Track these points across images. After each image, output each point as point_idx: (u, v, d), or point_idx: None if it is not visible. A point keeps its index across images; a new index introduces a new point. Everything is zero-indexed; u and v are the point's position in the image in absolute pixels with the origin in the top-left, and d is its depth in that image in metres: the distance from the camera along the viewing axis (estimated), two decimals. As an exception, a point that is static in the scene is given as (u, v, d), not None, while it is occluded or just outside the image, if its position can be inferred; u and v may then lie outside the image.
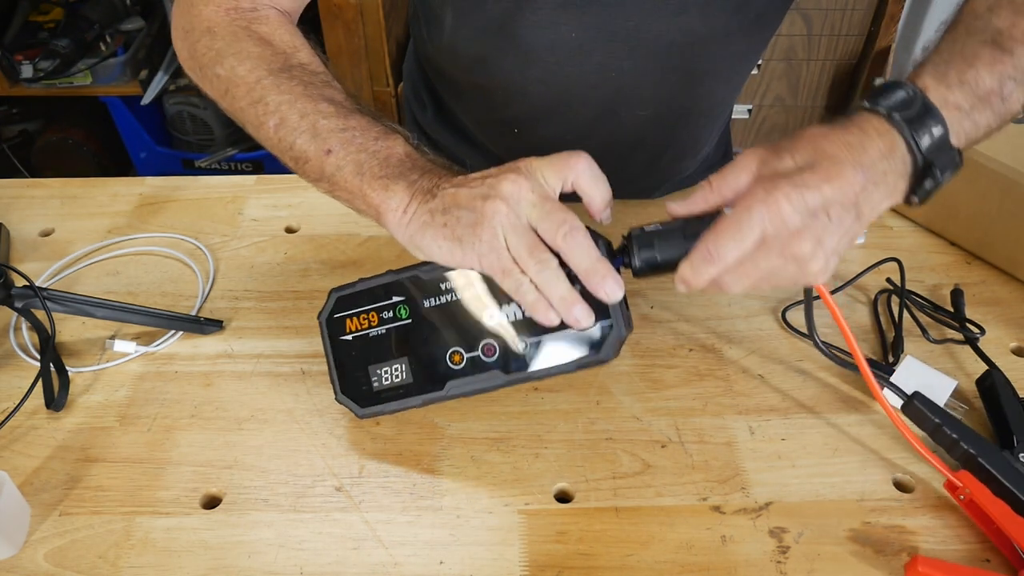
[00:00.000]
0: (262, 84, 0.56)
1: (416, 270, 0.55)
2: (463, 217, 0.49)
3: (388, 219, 0.52)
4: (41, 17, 1.80)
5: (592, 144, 0.75)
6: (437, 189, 0.51)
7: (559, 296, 0.49)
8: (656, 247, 0.52)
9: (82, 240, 0.77)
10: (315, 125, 0.54)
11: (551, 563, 0.52)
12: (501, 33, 0.67)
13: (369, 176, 0.52)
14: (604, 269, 0.49)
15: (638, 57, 0.68)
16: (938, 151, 0.47)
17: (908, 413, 0.58)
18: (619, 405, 0.62)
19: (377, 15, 1.60)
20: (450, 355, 0.55)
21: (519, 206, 0.49)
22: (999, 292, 0.72)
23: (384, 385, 0.57)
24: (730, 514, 0.55)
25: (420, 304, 0.55)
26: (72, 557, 0.52)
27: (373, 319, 0.57)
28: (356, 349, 0.57)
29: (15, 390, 0.63)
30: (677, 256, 0.51)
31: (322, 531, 0.54)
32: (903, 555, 0.52)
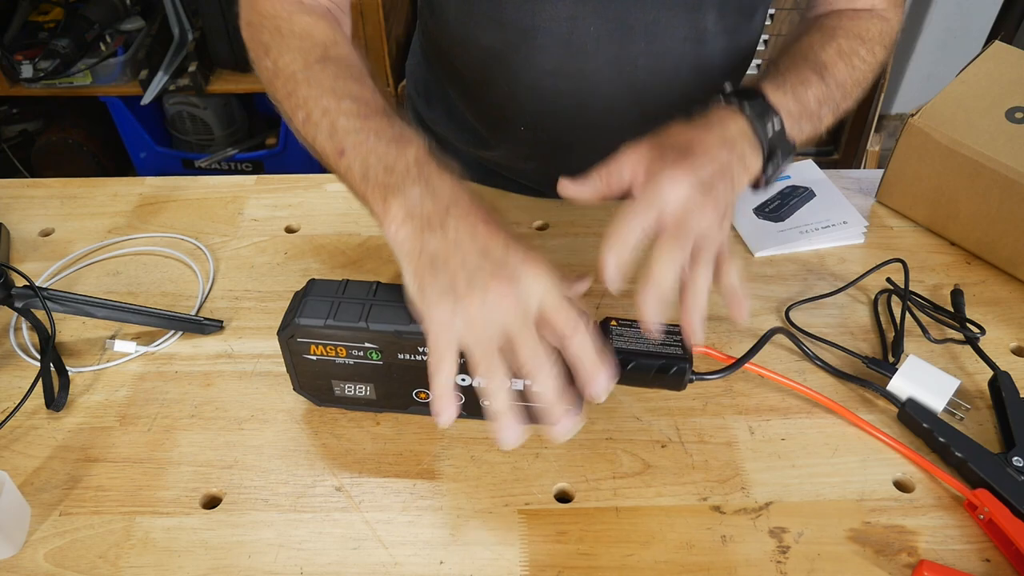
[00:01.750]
0: (295, 78, 0.56)
1: (394, 327, 0.53)
2: (461, 279, 0.46)
3: (385, 229, 0.50)
4: (41, 17, 1.80)
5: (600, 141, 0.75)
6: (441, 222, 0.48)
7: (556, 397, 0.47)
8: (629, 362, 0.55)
9: (82, 240, 0.77)
10: (334, 124, 0.53)
11: (551, 563, 0.52)
12: (517, 25, 0.67)
13: (373, 183, 0.50)
14: (602, 371, 0.48)
15: (654, 52, 0.68)
16: (778, 140, 0.56)
17: (902, 419, 0.59)
18: (619, 405, 0.62)
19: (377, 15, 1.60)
20: (416, 392, 0.57)
21: (528, 294, 0.46)
22: (999, 292, 0.72)
23: (346, 395, 0.58)
24: (730, 514, 0.55)
25: (394, 355, 0.54)
26: (72, 557, 0.52)
27: (341, 352, 0.55)
28: (319, 367, 0.57)
29: (15, 390, 0.63)
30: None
31: (322, 531, 0.54)
32: (903, 555, 0.52)
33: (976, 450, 0.56)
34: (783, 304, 0.70)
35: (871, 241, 0.77)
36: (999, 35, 1.89)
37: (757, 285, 0.72)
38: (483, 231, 0.47)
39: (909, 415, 0.59)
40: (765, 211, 0.79)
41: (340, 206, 0.81)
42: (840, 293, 0.71)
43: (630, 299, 0.70)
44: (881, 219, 0.80)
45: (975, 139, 0.71)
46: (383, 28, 1.61)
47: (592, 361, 0.47)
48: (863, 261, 0.74)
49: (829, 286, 0.72)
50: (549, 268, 0.47)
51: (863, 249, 0.76)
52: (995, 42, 0.77)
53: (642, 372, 0.54)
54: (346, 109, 0.53)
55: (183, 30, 1.78)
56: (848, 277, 0.72)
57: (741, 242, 0.77)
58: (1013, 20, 1.90)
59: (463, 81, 0.79)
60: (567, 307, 0.47)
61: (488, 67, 0.73)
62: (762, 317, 0.69)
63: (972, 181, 0.71)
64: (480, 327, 0.45)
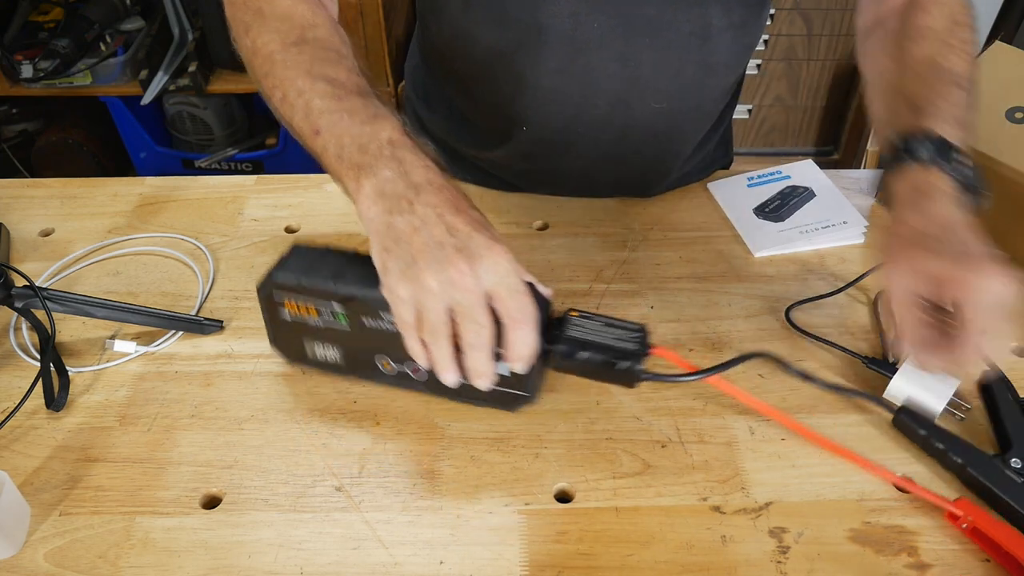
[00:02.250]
0: (273, 58, 0.57)
1: (359, 291, 0.55)
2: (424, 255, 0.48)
3: (357, 207, 0.52)
4: (41, 17, 1.80)
5: (601, 139, 0.75)
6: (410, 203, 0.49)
7: (486, 373, 0.51)
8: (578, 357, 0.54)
9: (82, 240, 0.77)
10: (309, 104, 0.54)
11: (551, 563, 0.52)
12: (519, 23, 0.67)
13: (347, 162, 0.52)
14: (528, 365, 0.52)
15: (657, 48, 0.68)
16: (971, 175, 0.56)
17: (897, 425, 0.59)
18: (619, 405, 0.62)
19: (377, 15, 1.60)
20: (380, 361, 0.59)
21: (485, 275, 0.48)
22: (999, 292, 0.72)
23: (316, 357, 0.61)
24: (730, 514, 0.55)
25: (359, 319, 0.56)
26: (72, 557, 0.52)
27: (312, 312, 0.58)
28: (292, 325, 0.59)
29: (15, 390, 0.63)
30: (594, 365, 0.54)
31: (322, 531, 0.54)
32: (903, 555, 0.52)
33: (974, 454, 0.56)
34: (783, 304, 0.70)
35: (871, 241, 0.77)
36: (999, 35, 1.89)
37: (757, 285, 0.72)
38: (450, 213, 0.49)
39: (904, 422, 0.59)
40: (765, 211, 0.79)
41: (340, 206, 0.81)
42: (840, 293, 0.71)
43: (630, 299, 0.70)
44: (881, 219, 0.80)
45: (975, 139, 0.71)
46: (383, 28, 1.61)
47: (524, 355, 0.50)
48: (863, 261, 0.74)
49: (829, 286, 0.72)
50: (510, 254, 0.49)
51: (863, 249, 0.76)
52: (995, 42, 0.77)
53: (592, 364, 0.54)
54: (320, 90, 0.54)
55: (183, 30, 1.78)
56: (848, 277, 0.72)
57: (741, 242, 0.77)
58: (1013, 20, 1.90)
59: (464, 81, 0.79)
60: (522, 295, 0.49)
61: (491, 66, 0.73)
62: (762, 317, 0.69)
63: (972, 181, 0.71)
64: (435, 300, 0.48)
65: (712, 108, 0.79)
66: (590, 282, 0.72)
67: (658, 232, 0.78)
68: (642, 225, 0.79)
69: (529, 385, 0.56)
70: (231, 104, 1.91)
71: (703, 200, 0.82)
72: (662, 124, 0.75)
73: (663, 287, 0.72)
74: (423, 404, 0.62)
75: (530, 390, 0.57)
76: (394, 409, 0.61)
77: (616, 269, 0.74)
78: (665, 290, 0.71)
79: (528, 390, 0.57)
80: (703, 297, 0.71)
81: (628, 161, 0.78)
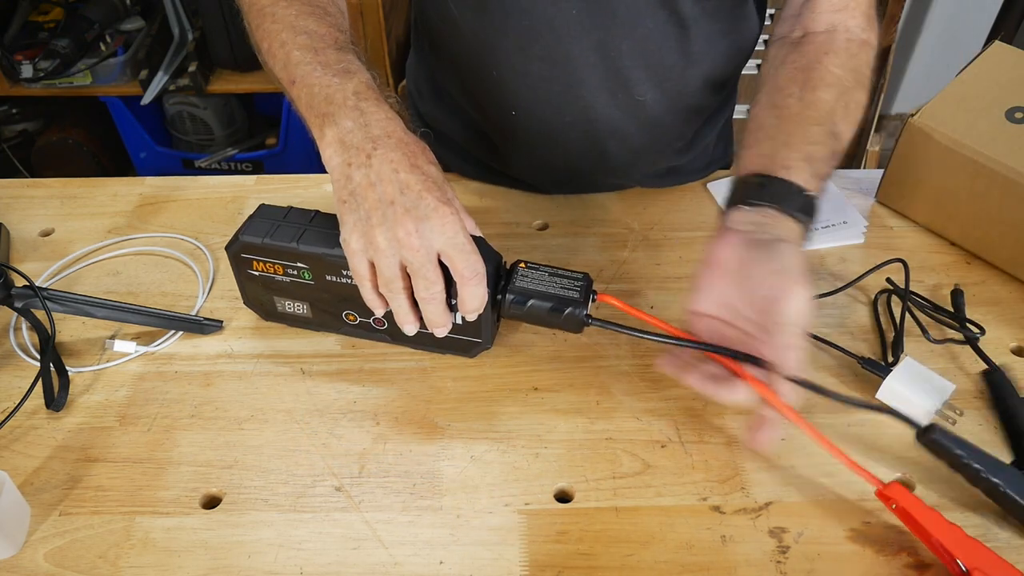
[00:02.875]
0: (263, 12, 0.61)
1: (320, 249, 0.58)
2: (376, 214, 0.52)
3: (322, 155, 0.55)
4: (41, 17, 1.80)
5: (589, 128, 0.75)
6: (368, 156, 0.52)
7: (441, 323, 0.56)
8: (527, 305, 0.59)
9: (82, 240, 0.77)
10: (289, 55, 0.58)
11: (551, 563, 0.52)
12: (502, 9, 0.68)
13: (315, 111, 0.55)
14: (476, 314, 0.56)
15: (637, 36, 0.69)
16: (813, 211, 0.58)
17: (922, 441, 0.55)
18: (619, 405, 0.62)
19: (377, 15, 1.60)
20: (345, 314, 0.64)
21: (432, 236, 0.52)
22: (999, 292, 0.72)
23: (287, 311, 0.66)
24: (730, 514, 0.55)
25: (323, 275, 0.60)
26: (72, 557, 0.52)
27: (279, 270, 0.62)
28: (262, 283, 0.64)
29: (15, 390, 0.63)
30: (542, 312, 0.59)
31: (322, 531, 0.54)
32: (903, 555, 0.52)
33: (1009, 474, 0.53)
34: (783, 304, 0.70)
35: (871, 241, 0.77)
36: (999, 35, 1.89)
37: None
38: (405, 169, 0.52)
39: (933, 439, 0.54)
40: (765, 211, 0.79)
41: (340, 206, 0.81)
42: (840, 293, 0.71)
43: (629, 299, 0.70)
44: (881, 219, 0.80)
45: (975, 139, 0.71)
46: (383, 28, 1.61)
47: (475, 308, 0.55)
48: (863, 261, 0.74)
49: (829, 286, 0.72)
50: (457, 214, 0.52)
51: (863, 249, 0.76)
52: (995, 42, 0.77)
53: (540, 312, 0.58)
54: (300, 43, 0.58)
55: (183, 30, 1.78)
56: (848, 277, 0.72)
57: (741, 242, 0.77)
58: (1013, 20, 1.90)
59: (454, 68, 0.80)
60: (469, 253, 0.53)
61: (475, 52, 0.73)
62: (762, 317, 0.69)
63: (972, 181, 0.71)
64: (386, 257, 0.52)
65: (697, 101, 0.78)
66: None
67: (658, 232, 0.78)
68: (642, 225, 0.79)
69: (483, 332, 0.61)
70: (231, 104, 1.91)
71: (703, 200, 0.82)
72: (646, 114, 0.75)
73: (663, 287, 0.72)
74: (423, 404, 0.62)
75: (484, 336, 0.62)
76: (394, 409, 0.61)
77: (616, 269, 0.74)
78: (665, 290, 0.71)
79: (482, 336, 0.62)
80: (703, 297, 0.71)
81: (615, 151, 0.78)
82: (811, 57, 0.65)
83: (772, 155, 0.59)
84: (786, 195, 0.57)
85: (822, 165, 0.59)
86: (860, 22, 0.67)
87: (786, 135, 0.60)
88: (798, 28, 0.69)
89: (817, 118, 0.61)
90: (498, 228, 0.78)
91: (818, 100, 0.62)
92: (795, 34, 0.69)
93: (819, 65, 0.64)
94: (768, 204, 0.57)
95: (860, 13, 0.67)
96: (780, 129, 0.61)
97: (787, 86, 0.64)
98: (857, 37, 0.67)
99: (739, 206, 0.58)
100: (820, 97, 0.62)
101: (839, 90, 0.63)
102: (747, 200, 0.58)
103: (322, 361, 0.65)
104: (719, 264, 0.56)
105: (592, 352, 0.66)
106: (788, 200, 0.57)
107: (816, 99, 0.62)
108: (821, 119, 0.61)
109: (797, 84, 0.64)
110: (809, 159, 0.59)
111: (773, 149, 0.60)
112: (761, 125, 0.63)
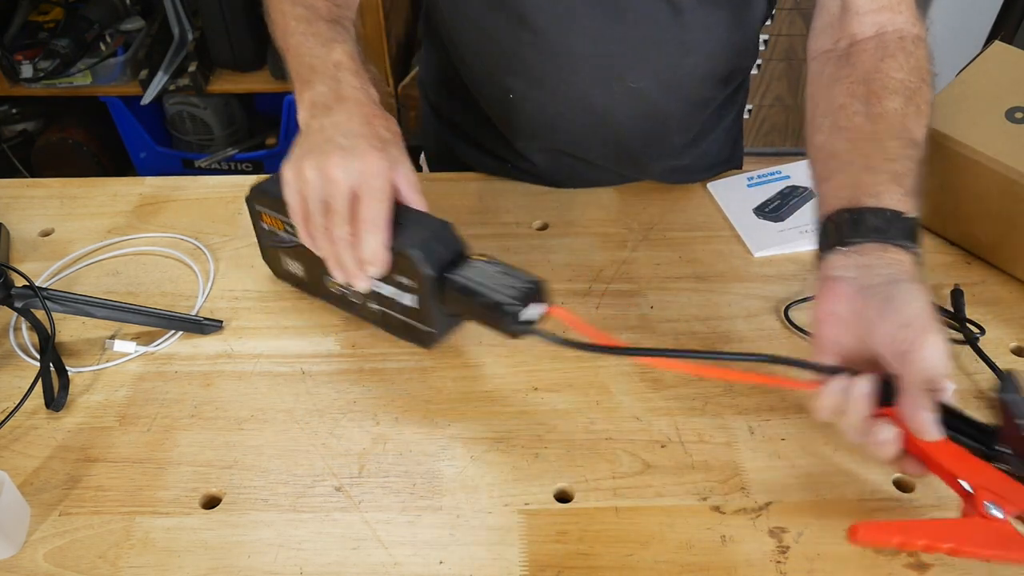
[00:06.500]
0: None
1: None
2: (314, 149, 0.55)
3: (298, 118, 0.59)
4: (41, 17, 1.80)
5: (585, 115, 0.76)
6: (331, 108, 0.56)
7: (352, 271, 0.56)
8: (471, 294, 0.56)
9: (82, 240, 0.77)
10: (286, 26, 0.63)
11: (551, 563, 0.52)
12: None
13: (300, 78, 0.59)
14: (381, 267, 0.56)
15: (627, 24, 0.69)
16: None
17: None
18: (619, 405, 0.62)
19: (377, 15, 1.60)
20: (326, 279, 0.65)
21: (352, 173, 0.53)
22: (999, 292, 0.72)
23: (289, 270, 0.69)
24: (730, 514, 0.55)
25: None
26: (72, 557, 0.52)
27: (280, 226, 0.64)
28: (270, 237, 0.67)
29: (15, 390, 0.63)
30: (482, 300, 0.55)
31: (322, 531, 0.54)
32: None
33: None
34: (783, 304, 0.70)
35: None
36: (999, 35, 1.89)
37: (757, 285, 0.72)
38: (359, 123, 0.55)
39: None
40: (765, 211, 0.79)
41: (340, 206, 0.81)
42: (840, 293, 0.71)
43: (629, 298, 0.70)
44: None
45: (975, 139, 0.71)
46: (383, 28, 1.61)
47: (370, 259, 0.55)
48: (863, 261, 0.74)
49: (829, 286, 0.72)
50: (386, 164, 0.54)
51: (863, 249, 0.76)
52: (995, 42, 0.77)
53: (476, 307, 0.55)
54: (297, 14, 0.63)
55: (183, 30, 1.78)
56: (848, 277, 0.72)
57: (741, 242, 0.77)
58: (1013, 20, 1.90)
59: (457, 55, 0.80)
60: (378, 200, 0.54)
61: (478, 37, 0.74)
62: (761, 317, 0.69)
63: (972, 181, 0.71)
64: (312, 188, 0.54)
65: (696, 94, 0.78)
66: (590, 282, 0.72)
67: (658, 232, 0.78)
68: (642, 225, 0.79)
69: (432, 319, 0.60)
70: (231, 104, 1.91)
71: (703, 200, 0.82)
72: (642, 105, 0.75)
73: (663, 287, 0.72)
74: (423, 404, 0.62)
75: (434, 325, 0.60)
76: (394, 409, 0.61)
77: (616, 269, 0.74)
78: (665, 290, 0.71)
79: (432, 324, 0.60)
80: (703, 297, 0.71)
81: (614, 140, 0.78)
82: (868, 66, 0.61)
83: (855, 184, 0.54)
84: (883, 225, 0.52)
85: (911, 180, 0.54)
86: (908, 16, 0.63)
87: (864, 158, 0.56)
88: (843, 37, 0.64)
89: (892, 131, 0.56)
90: (498, 228, 0.78)
91: (887, 111, 0.57)
92: (841, 44, 0.64)
93: (878, 73, 0.60)
94: (867, 240, 0.52)
95: (906, 7, 0.63)
96: (856, 152, 0.56)
97: (849, 103, 0.59)
98: (910, 33, 0.62)
99: (836, 248, 0.53)
100: (888, 108, 0.58)
101: (906, 95, 0.58)
102: (843, 240, 0.52)
103: (322, 361, 0.65)
104: (834, 320, 0.51)
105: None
106: (887, 231, 0.51)
107: (885, 111, 0.58)
108: (896, 131, 0.56)
109: (859, 99, 0.59)
110: (896, 178, 0.54)
111: (855, 177, 0.55)
112: (833, 153, 0.58)
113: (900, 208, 0.52)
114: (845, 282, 0.51)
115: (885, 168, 0.54)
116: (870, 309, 0.49)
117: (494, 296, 0.54)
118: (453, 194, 0.83)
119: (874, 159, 0.55)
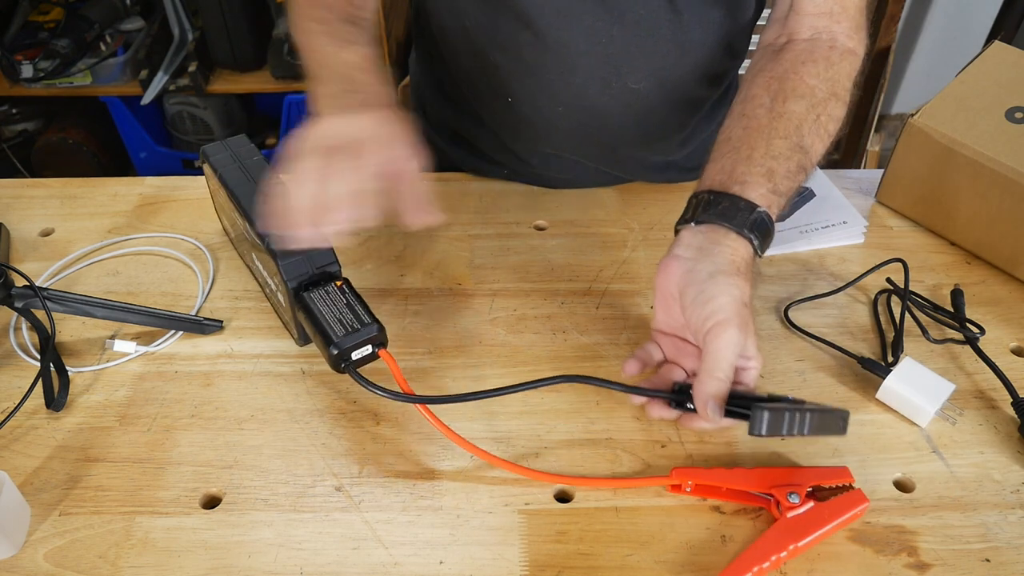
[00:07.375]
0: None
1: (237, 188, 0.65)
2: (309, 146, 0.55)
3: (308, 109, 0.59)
4: (41, 17, 1.80)
5: (583, 115, 0.76)
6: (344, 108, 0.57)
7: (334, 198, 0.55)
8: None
9: (82, 240, 0.77)
10: (306, 26, 0.64)
11: (551, 563, 0.52)
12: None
13: (313, 76, 0.60)
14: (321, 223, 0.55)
15: (626, 24, 0.69)
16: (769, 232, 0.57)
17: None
18: (619, 405, 0.62)
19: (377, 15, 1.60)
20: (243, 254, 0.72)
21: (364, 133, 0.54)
22: (999, 292, 0.72)
23: (228, 231, 0.73)
24: (730, 514, 0.55)
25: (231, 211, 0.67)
26: (72, 557, 0.52)
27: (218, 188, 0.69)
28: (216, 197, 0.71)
29: (15, 390, 0.63)
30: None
31: (322, 531, 0.54)
32: (903, 555, 0.52)
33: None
34: (783, 304, 0.70)
35: (871, 241, 0.77)
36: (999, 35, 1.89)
37: (756, 285, 0.72)
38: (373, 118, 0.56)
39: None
40: (765, 211, 0.79)
41: (340, 206, 0.81)
42: (840, 293, 0.71)
43: (629, 298, 0.70)
44: (881, 219, 0.80)
45: (975, 139, 0.71)
46: (383, 28, 1.61)
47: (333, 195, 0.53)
48: (863, 261, 0.74)
49: (829, 286, 0.72)
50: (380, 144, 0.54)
51: (863, 249, 0.76)
52: (995, 42, 0.77)
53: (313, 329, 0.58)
54: (316, 15, 0.64)
55: (183, 30, 1.78)
56: (848, 277, 0.72)
57: (741, 242, 0.77)
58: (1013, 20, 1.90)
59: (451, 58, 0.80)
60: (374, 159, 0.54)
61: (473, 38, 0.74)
62: (761, 317, 0.69)
63: (972, 181, 0.72)
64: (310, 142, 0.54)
65: (695, 93, 0.78)
66: (590, 282, 0.72)
67: (658, 232, 0.78)
68: (642, 225, 0.79)
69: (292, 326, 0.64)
70: (231, 104, 1.91)
71: (703, 200, 0.82)
72: (641, 105, 0.75)
73: (663, 287, 0.72)
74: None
75: (293, 331, 0.65)
76: (394, 409, 0.61)
77: (616, 269, 0.74)
78: (665, 290, 0.71)
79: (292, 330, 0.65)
80: (703, 297, 0.71)
81: (612, 141, 0.78)
82: (787, 66, 0.64)
83: (731, 170, 0.58)
84: (736, 212, 0.56)
85: (784, 180, 0.58)
86: (846, 28, 0.65)
87: (749, 148, 0.59)
88: (783, 34, 0.67)
89: (784, 131, 0.60)
90: (498, 228, 0.78)
91: (787, 112, 0.60)
92: (780, 40, 0.67)
93: (794, 75, 0.63)
94: (713, 222, 0.56)
95: (847, 19, 0.65)
96: (744, 141, 0.60)
97: (759, 95, 0.62)
98: (841, 45, 0.65)
99: (689, 224, 0.57)
100: (790, 108, 0.61)
101: (811, 102, 0.61)
102: (696, 217, 0.57)
103: (322, 361, 0.65)
104: (665, 293, 0.57)
105: (592, 352, 0.66)
106: (737, 217, 0.55)
107: (786, 111, 0.60)
108: (788, 132, 0.60)
109: (769, 94, 0.62)
110: (769, 174, 0.57)
111: (733, 164, 0.59)
112: (728, 137, 0.62)
113: (759, 202, 0.56)
114: (679, 262, 0.56)
115: (762, 163, 0.58)
116: (688, 295, 0.55)
117: (327, 328, 0.57)
118: (453, 195, 0.83)
119: (757, 152, 0.59)
